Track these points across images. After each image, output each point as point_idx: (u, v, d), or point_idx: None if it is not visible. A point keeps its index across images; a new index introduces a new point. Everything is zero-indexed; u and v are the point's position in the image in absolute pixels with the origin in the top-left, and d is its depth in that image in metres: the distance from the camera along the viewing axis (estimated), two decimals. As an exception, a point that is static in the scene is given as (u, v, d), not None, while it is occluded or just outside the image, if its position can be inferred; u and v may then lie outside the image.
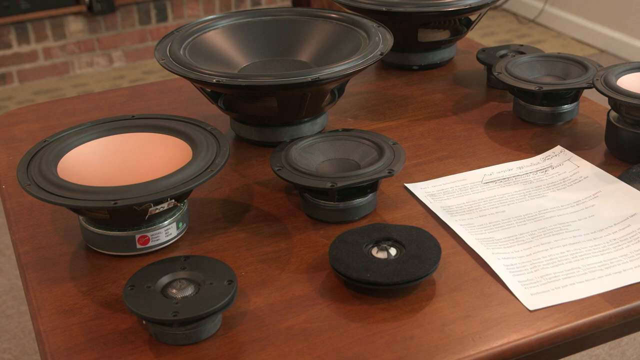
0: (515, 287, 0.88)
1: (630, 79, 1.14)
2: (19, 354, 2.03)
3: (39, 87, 3.49)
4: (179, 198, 0.94)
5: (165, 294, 0.84)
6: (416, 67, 1.45)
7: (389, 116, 1.29)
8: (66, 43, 3.53)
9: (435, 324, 0.84)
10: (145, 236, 0.95)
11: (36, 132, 1.28)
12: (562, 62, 1.27)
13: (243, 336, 0.83)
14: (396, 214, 1.03)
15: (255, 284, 0.91)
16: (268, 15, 1.30)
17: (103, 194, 0.89)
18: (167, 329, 0.81)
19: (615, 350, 1.99)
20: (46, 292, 0.90)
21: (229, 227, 1.01)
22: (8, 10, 3.34)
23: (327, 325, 0.84)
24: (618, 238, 0.96)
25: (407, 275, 0.87)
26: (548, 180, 1.09)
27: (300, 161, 1.03)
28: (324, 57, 1.24)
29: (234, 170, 1.14)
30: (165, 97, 1.38)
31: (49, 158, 0.96)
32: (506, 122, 1.26)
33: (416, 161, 1.15)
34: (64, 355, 0.81)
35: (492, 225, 1.00)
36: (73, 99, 1.39)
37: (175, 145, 1.01)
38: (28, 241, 1.00)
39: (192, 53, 1.19)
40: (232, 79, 1.08)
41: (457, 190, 1.08)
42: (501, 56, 1.36)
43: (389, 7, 1.34)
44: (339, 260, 0.89)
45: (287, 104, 1.12)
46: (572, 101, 1.24)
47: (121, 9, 3.58)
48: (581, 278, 0.90)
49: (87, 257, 0.96)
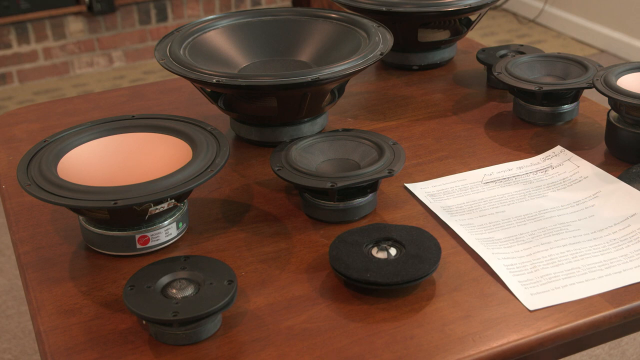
0: (515, 287, 0.88)
1: (630, 79, 1.14)
2: (19, 354, 2.03)
3: (39, 87, 3.49)
4: (179, 198, 0.94)
5: (165, 294, 0.84)
6: (416, 67, 1.45)
7: (389, 116, 1.29)
8: (66, 43, 3.53)
9: (435, 324, 0.84)
10: (145, 236, 0.95)
11: (36, 132, 1.28)
12: (562, 62, 1.27)
13: (243, 336, 0.83)
14: (396, 214, 1.03)
15: (255, 284, 0.91)
16: (268, 15, 1.30)
17: (103, 194, 0.89)
18: (167, 329, 0.81)
19: (615, 350, 1.99)
20: (46, 292, 0.90)
21: (229, 227, 1.01)
22: (8, 10, 3.34)
23: (327, 325, 0.84)
24: (618, 238, 0.96)
25: (407, 275, 0.87)
26: (548, 180, 1.09)
27: (300, 161, 1.03)
28: (324, 57, 1.24)
29: (234, 170, 1.14)
30: (165, 97, 1.38)
31: (49, 158, 0.96)
32: (506, 122, 1.26)
33: (416, 161, 1.15)
34: (64, 355, 0.81)
35: (492, 225, 1.00)
36: (73, 99, 1.39)
37: (175, 145, 1.01)
38: (28, 241, 1.00)
39: (192, 53, 1.19)
40: (232, 79, 1.08)
41: (457, 190, 1.08)
42: (501, 56, 1.36)
43: (389, 7, 1.34)
44: (339, 260, 0.89)
45: (287, 104, 1.12)
46: (572, 101, 1.24)
47: (121, 9, 3.58)
48: (581, 278, 0.90)
49: (87, 257, 0.96)
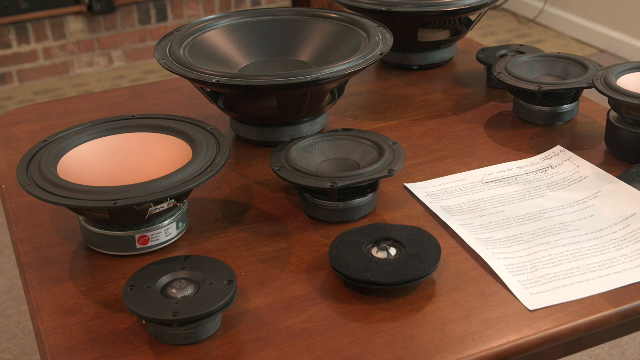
0: (515, 287, 0.88)
1: (630, 79, 1.14)
2: (19, 354, 2.03)
3: (39, 87, 3.49)
4: (179, 198, 0.94)
5: (165, 294, 0.84)
6: (416, 67, 1.45)
7: (389, 116, 1.29)
8: (66, 43, 3.53)
9: (435, 324, 0.84)
10: (145, 236, 0.95)
11: (36, 132, 1.28)
12: (562, 62, 1.27)
13: (243, 336, 0.83)
14: (396, 214, 1.03)
15: (255, 284, 0.91)
16: (268, 15, 1.30)
17: (103, 194, 0.89)
18: (167, 329, 0.81)
19: (615, 350, 1.99)
20: (46, 292, 0.90)
21: (229, 227, 1.01)
22: (8, 10, 3.34)
23: (327, 325, 0.84)
24: (618, 238, 0.96)
25: (407, 275, 0.87)
26: (548, 180, 1.09)
27: (300, 161, 1.03)
28: (324, 57, 1.24)
29: (234, 170, 1.14)
30: (165, 97, 1.38)
31: (49, 158, 0.96)
32: (506, 122, 1.26)
33: (416, 161, 1.15)
34: (64, 355, 0.81)
35: (492, 225, 1.00)
36: (73, 99, 1.39)
37: (175, 145, 1.01)
38: (28, 241, 1.00)
39: (192, 53, 1.19)
40: (232, 79, 1.08)
41: (457, 190, 1.08)
42: (501, 56, 1.36)
43: (389, 7, 1.34)
44: (339, 260, 0.89)
45: (287, 104, 1.12)
46: (572, 101, 1.24)
47: (121, 9, 3.58)
48: (581, 278, 0.90)
49: (87, 257, 0.96)
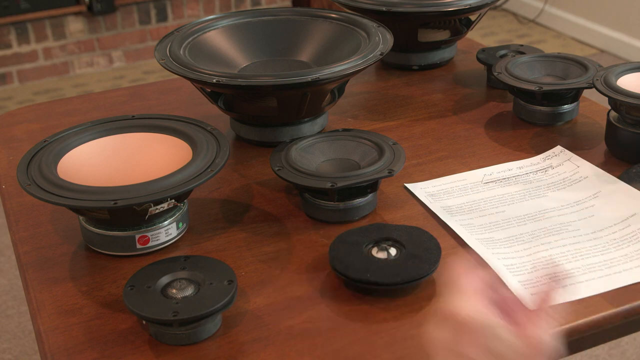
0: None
1: (630, 79, 1.14)
2: (19, 354, 2.03)
3: (39, 87, 3.48)
4: (179, 198, 0.94)
5: (165, 294, 0.84)
6: (416, 67, 1.45)
7: (389, 116, 1.29)
8: (66, 43, 3.53)
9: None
10: (145, 236, 0.95)
11: (36, 132, 1.28)
12: (562, 62, 1.27)
13: (243, 336, 0.83)
14: (396, 214, 1.03)
15: (255, 284, 0.91)
16: (268, 15, 1.30)
17: (103, 194, 0.89)
18: (167, 329, 0.81)
19: (615, 350, 1.99)
20: (46, 292, 0.90)
21: (229, 227, 1.01)
22: (8, 10, 3.34)
23: (327, 325, 0.84)
24: (618, 238, 0.96)
25: (407, 275, 0.87)
26: (548, 180, 1.09)
27: (300, 161, 1.03)
28: (324, 57, 1.24)
29: (234, 170, 1.14)
30: (165, 97, 1.38)
31: (49, 158, 0.96)
32: (506, 122, 1.26)
33: (416, 161, 1.15)
34: (64, 355, 0.81)
35: (492, 225, 1.00)
36: (73, 99, 1.39)
37: (175, 145, 1.01)
38: (28, 241, 1.00)
39: (192, 53, 1.19)
40: (232, 79, 1.08)
41: (457, 190, 1.08)
42: (501, 56, 1.36)
43: (389, 7, 1.34)
44: (339, 260, 0.89)
45: (287, 104, 1.12)
46: (572, 101, 1.24)
47: (121, 9, 3.58)
48: (581, 278, 0.90)
49: (87, 257, 0.96)
